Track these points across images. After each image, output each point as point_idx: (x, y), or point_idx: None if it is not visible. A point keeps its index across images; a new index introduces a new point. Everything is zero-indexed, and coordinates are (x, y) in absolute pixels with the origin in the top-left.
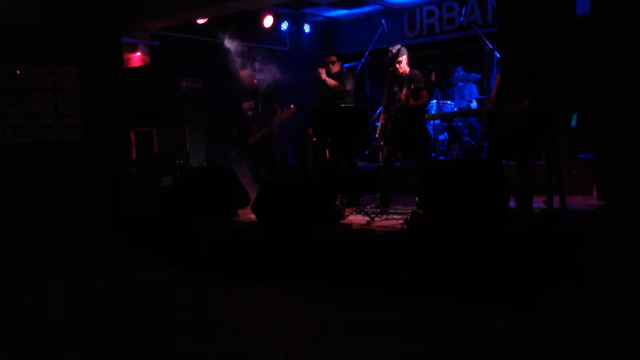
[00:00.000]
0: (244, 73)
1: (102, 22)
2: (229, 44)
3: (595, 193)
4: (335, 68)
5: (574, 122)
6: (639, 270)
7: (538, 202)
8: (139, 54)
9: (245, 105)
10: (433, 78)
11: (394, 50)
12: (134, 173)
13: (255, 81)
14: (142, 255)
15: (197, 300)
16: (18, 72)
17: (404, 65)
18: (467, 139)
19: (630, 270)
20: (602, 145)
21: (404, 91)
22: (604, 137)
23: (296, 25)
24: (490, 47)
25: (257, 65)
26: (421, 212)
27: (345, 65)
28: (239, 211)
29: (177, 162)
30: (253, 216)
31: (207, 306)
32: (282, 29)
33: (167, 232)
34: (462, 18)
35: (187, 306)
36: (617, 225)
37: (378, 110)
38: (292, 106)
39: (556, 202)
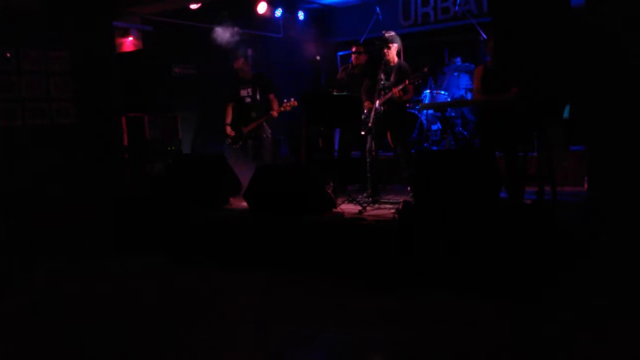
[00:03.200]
0: (240, 62)
1: (94, 5)
2: (224, 33)
3: (586, 185)
4: (362, 59)
5: (566, 114)
6: (629, 261)
7: (530, 194)
8: (131, 38)
9: (243, 92)
10: (426, 70)
11: (387, 35)
12: (125, 159)
13: (248, 69)
14: (133, 241)
15: (185, 286)
16: (8, 55)
17: (392, 52)
18: (460, 129)
19: (621, 261)
20: (594, 136)
21: (392, 79)
22: (595, 129)
23: (290, 12)
24: (485, 37)
25: (250, 52)
26: (413, 201)
27: (339, 53)
28: (231, 199)
29: (169, 148)
30: (245, 204)
31: (195, 293)
32: (276, 15)
33: (158, 218)
34: (456, 7)
35: (174, 292)
36: (608, 216)
37: None
38: (293, 100)
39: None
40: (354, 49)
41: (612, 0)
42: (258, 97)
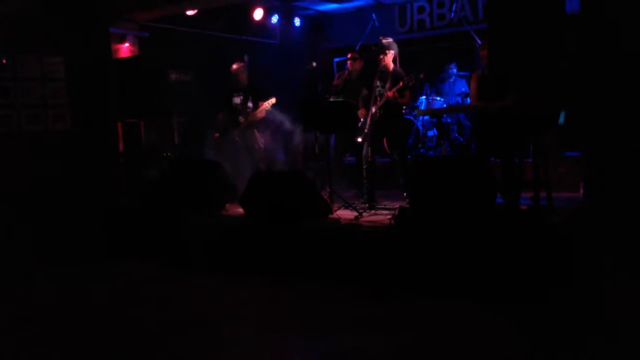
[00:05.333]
0: (237, 66)
1: (90, 12)
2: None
3: (582, 190)
4: (357, 65)
5: (561, 120)
6: (625, 266)
7: (525, 199)
8: (127, 44)
9: (236, 99)
10: (422, 76)
11: (385, 42)
12: (121, 165)
13: (244, 76)
14: (128, 247)
15: (180, 293)
16: (4, 61)
17: (388, 59)
18: (456, 135)
19: (616, 266)
20: (590, 142)
21: (388, 85)
22: (591, 135)
23: (287, 19)
24: (480, 43)
25: (246, 59)
26: (409, 207)
27: (336, 59)
28: (227, 205)
29: (165, 154)
30: (241, 210)
31: (190, 300)
32: (272, 22)
33: (154, 224)
34: (452, 14)
35: (169, 299)
36: (603, 222)
37: None
38: (272, 98)
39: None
40: (349, 55)
41: (607, 7)
42: (250, 104)
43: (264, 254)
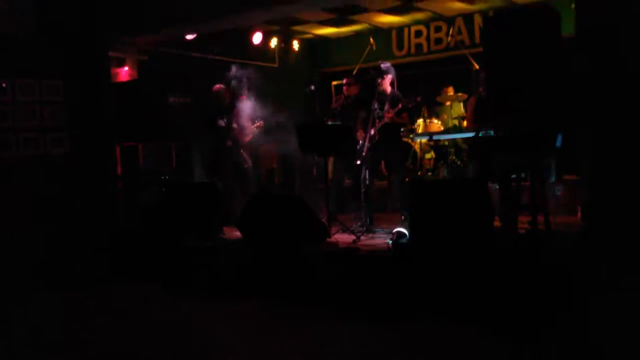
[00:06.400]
0: (218, 88)
1: (90, 36)
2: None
3: (579, 214)
4: (353, 90)
5: (558, 143)
6: (623, 291)
7: (522, 223)
8: (126, 68)
9: (221, 122)
10: (419, 99)
11: (383, 66)
12: (118, 188)
13: (227, 97)
14: (126, 271)
15: (175, 319)
16: (3, 85)
17: (386, 82)
18: (454, 157)
19: (614, 291)
20: (588, 166)
21: (386, 107)
22: (589, 159)
23: (285, 42)
24: (477, 67)
25: (245, 81)
26: (406, 231)
27: (334, 82)
28: (225, 228)
29: (163, 177)
30: (238, 233)
31: (184, 326)
32: (271, 45)
33: (151, 248)
34: (449, 38)
35: (164, 324)
36: (602, 247)
37: None
38: (258, 121)
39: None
40: (344, 81)
41: (602, 31)
42: (234, 125)
43: (261, 278)
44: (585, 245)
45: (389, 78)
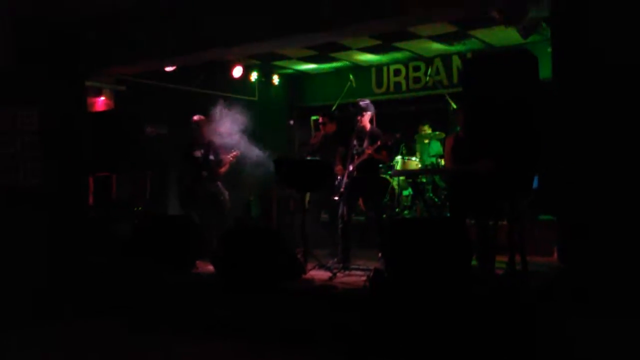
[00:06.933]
0: (197, 119)
1: (68, 65)
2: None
3: (555, 255)
4: (329, 129)
5: (535, 184)
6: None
7: (500, 262)
8: (103, 98)
9: (197, 153)
10: (398, 136)
11: (362, 104)
12: (90, 219)
13: (205, 131)
14: (93, 304)
15: (147, 354)
16: None
17: (366, 119)
18: (431, 195)
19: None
20: (563, 207)
21: (365, 144)
22: (564, 199)
23: (266, 77)
24: (455, 106)
25: (222, 114)
26: (384, 269)
27: (313, 117)
28: (198, 262)
29: (136, 209)
30: (212, 267)
31: None
32: (251, 79)
33: (121, 281)
34: (427, 78)
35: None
36: (579, 288)
37: None
38: (234, 151)
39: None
40: (320, 120)
41: (579, 74)
42: (211, 157)
43: (234, 316)
44: (563, 286)
45: (368, 115)
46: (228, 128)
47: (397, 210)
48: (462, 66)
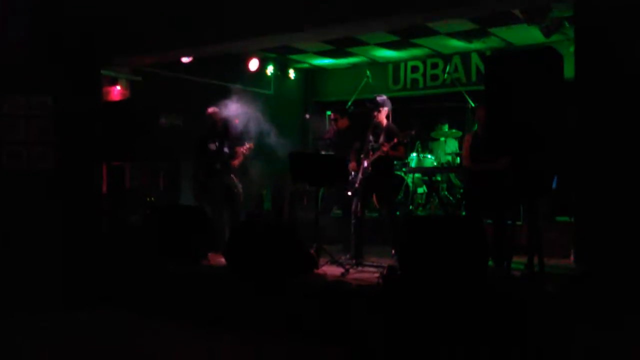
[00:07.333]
0: (212, 111)
1: (83, 54)
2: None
3: (572, 257)
4: (342, 124)
5: (554, 184)
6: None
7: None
8: (119, 87)
9: (212, 146)
10: (414, 132)
11: (379, 99)
12: (103, 208)
13: (219, 121)
14: (106, 293)
15: (150, 346)
16: None
17: (382, 115)
18: (446, 193)
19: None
20: (581, 208)
21: (381, 140)
22: (582, 201)
23: (282, 70)
24: (472, 105)
25: (236, 107)
26: (397, 266)
27: (329, 112)
28: (210, 254)
29: (148, 199)
30: (223, 260)
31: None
32: (267, 73)
33: (133, 271)
34: (445, 75)
35: (138, 352)
36: (597, 290)
37: None
38: (247, 144)
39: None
40: (332, 116)
41: (601, 75)
42: (226, 149)
43: (245, 309)
44: (580, 288)
45: (384, 111)
46: (243, 120)
47: (410, 207)
48: (485, 62)
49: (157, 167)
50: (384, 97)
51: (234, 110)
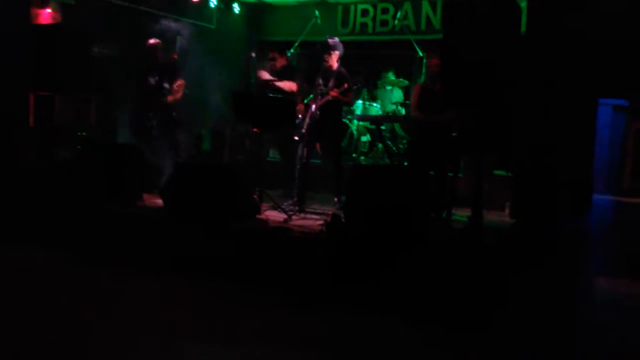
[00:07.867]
0: (152, 43)
1: None
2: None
3: (508, 210)
4: (279, 64)
5: None
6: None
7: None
8: (49, 10)
9: (151, 79)
10: (361, 80)
11: (331, 42)
12: (29, 141)
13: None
14: (31, 233)
15: (78, 289)
16: None
17: (333, 59)
18: (389, 143)
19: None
20: (517, 164)
21: (331, 84)
22: (519, 157)
23: (225, 3)
24: (421, 54)
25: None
26: (341, 214)
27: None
28: (145, 195)
29: (79, 133)
30: (159, 201)
31: (88, 297)
32: (210, 5)
33: (61, 210)
34: (395, 21)
35: (65, 295)
36: (530, 244)
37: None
38: (179, 81)
39: None
40: (269, 56)
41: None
42: (166, 85)
43: (183, 252)
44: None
45: (336, 54)
46: (182, 54)
47: (354, 155)
48: (443, 9)
49: (89, 100)
50: (336, 39)
51: (174, 43)
